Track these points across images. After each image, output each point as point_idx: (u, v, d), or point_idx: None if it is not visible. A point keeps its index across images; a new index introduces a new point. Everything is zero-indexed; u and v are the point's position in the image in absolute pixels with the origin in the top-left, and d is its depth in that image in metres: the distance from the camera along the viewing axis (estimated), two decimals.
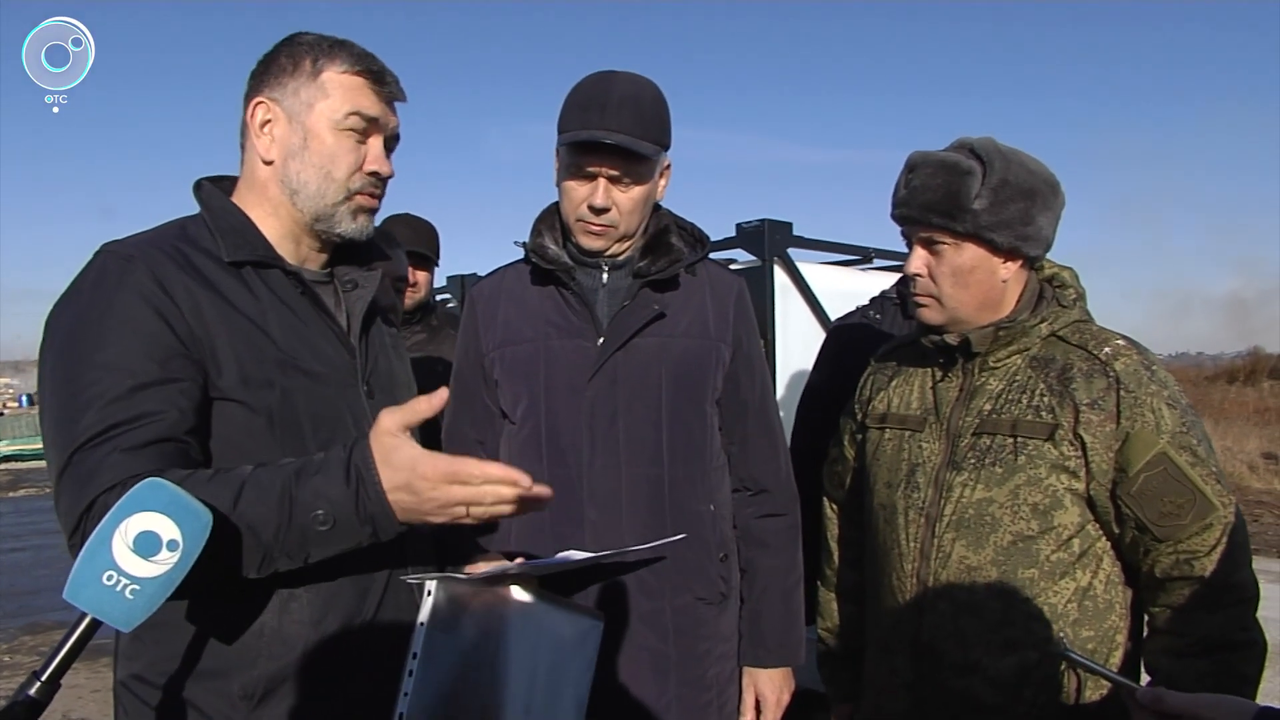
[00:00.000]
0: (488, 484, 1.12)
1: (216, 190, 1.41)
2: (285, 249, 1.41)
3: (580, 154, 1.71)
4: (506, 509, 1.16)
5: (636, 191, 1.75)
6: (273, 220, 1.40)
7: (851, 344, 2.45)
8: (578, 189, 1.75)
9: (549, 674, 1.50)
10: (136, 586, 0.96)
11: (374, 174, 1.42)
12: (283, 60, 1.38)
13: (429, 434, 1.62)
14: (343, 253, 1.50)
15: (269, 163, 1.38)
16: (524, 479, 1.13)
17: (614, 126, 1.67)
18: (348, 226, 1.42)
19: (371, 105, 1.40)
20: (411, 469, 1.12)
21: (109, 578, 0.96)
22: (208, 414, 1.25)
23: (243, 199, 1.41)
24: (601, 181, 1.72)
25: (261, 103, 1.37)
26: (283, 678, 1.28)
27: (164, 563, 0.97)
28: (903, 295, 2.45)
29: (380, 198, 1.47)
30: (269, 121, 1.38)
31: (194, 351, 1.23)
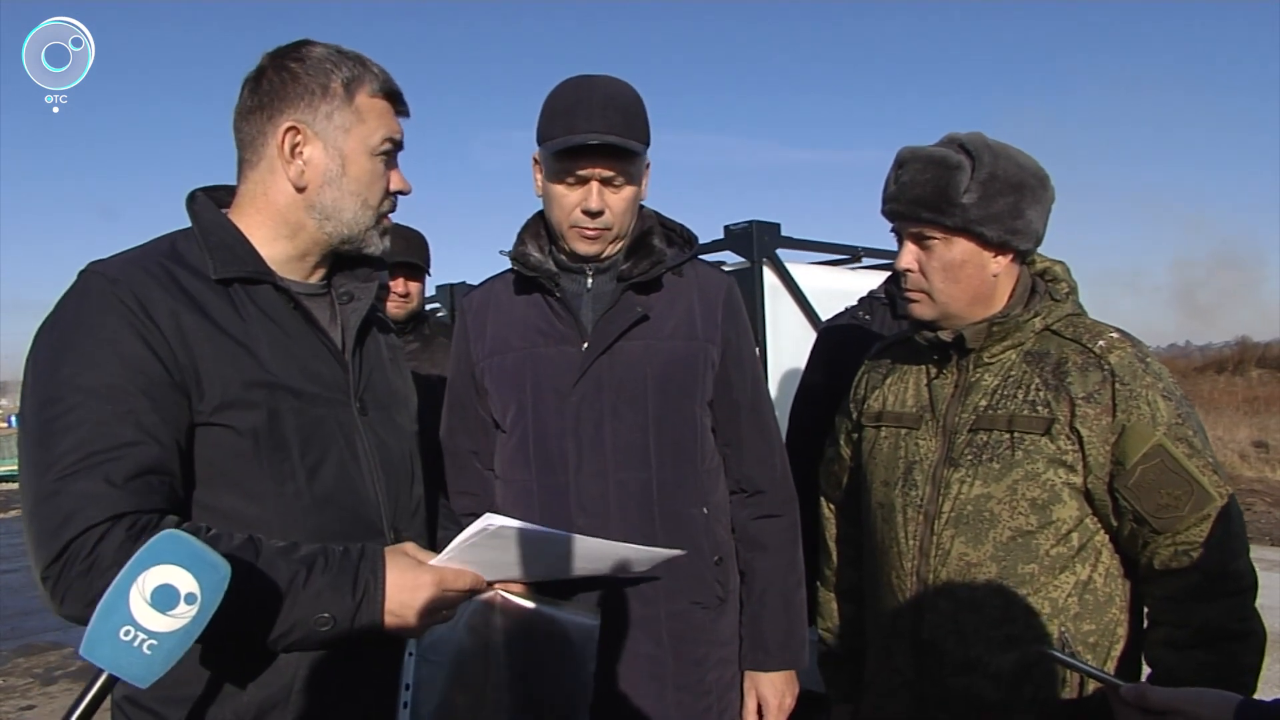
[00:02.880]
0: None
1: (209, 203, 1.37)
2: (289, 267, 1.38)
3: (570, 159, 1.69)
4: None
5: (628, 191, 1.74)
6: (285, 242, 1.37)
7: (842, 344, 2.45)
8: (568, 194, 1.72)
9: (550, 679, 1.48)
10: (154, 641, 0.94)
11: (398, 193, 1.43)
12: (305, 80, 1.32)
13: (425, 442, 1.60)
14: (339, 263, 1.47)
15: (301, 189, 1.34)
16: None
17: (602, 128, 1.66)
18: (375, 246, 1.42)
19: (397, 129, 1.40)
20: (413, 601, 1.24)
21: (126, 633, 0.93)
22: (191, 441, 1.22)
23: (246, 217, 1.36)
24: (594, 184, 1.70)
25: (293, 127, 1.32)
26: (273, 703, 1.26)
27: (182, 616, 0.96)
28: (891, 295, 2.44)
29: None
30: (299, 145, 1.33)
31: (177, 377, 1.20)
